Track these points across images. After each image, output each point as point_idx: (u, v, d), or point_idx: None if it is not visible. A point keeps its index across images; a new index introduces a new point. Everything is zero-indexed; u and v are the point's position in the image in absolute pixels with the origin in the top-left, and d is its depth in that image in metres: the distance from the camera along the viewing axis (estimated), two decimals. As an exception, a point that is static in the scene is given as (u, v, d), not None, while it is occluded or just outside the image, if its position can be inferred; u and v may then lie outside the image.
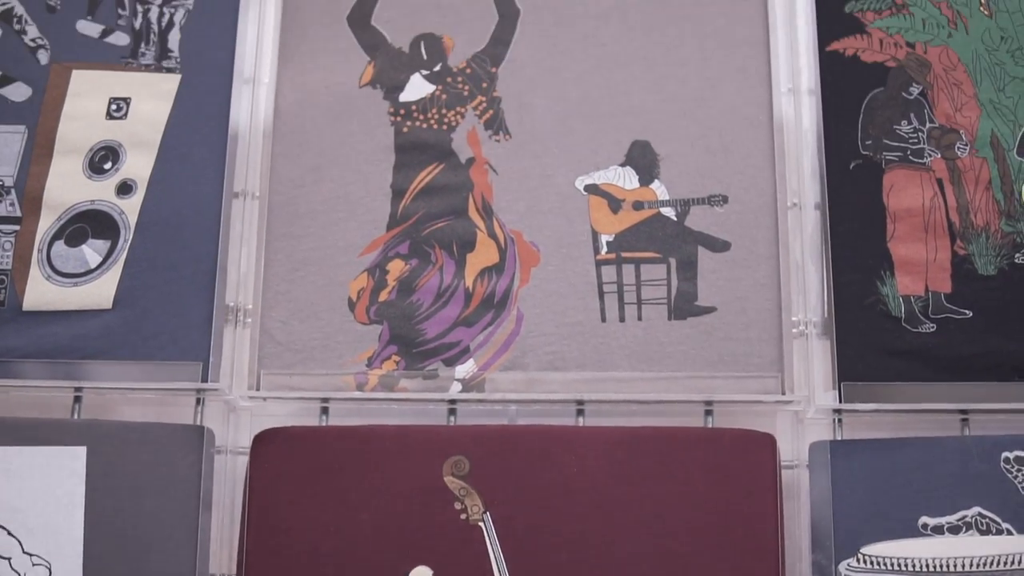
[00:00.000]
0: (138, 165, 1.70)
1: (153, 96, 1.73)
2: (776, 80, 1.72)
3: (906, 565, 1.51)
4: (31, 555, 1.55)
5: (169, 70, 1.74)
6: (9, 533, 1.55)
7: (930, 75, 1.71)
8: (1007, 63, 1.71)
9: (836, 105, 1.70)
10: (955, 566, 1.51)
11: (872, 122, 1.69)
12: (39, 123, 1.72)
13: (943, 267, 1.64)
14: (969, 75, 1.71)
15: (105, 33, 1.77)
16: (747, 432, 1.56)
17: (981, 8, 1.74)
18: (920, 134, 1.69)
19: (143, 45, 1.75)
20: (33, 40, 1.76)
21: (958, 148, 1.68)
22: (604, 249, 1.66)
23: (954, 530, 1.52)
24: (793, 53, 1.73)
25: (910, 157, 1.68)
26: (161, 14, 1.77)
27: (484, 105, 1.70)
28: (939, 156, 1.68)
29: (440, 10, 1.74)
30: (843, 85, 1.71)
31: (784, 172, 1.67)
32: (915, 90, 1.70)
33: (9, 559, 1.54)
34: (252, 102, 1.73)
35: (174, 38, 1.76)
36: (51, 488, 1.56)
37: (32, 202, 1.69)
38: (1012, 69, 1.72)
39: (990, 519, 1.53)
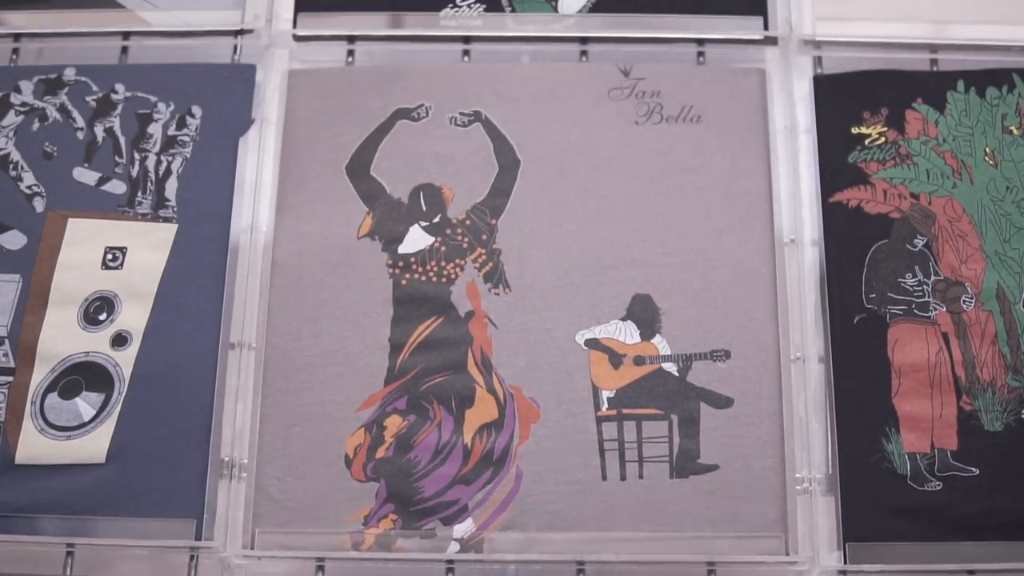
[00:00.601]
0: (133, 316, 1.81)
1: (149, 246, 1.84)
2: (779, 231, 1.83)
3: None
4: None
5: (166, 219, 1.85)
6: None
7: (935, 227, 1.82)
8: (1013, 214, 1.83)
9: (840, 257, 1.81)
10: None
11: (876, 275, 1.80)
12: (34, 272, 1.83)
13: (949, 423, 1.74)
14: (974, 226, 1.83)
15: (102, 181, 1.88)
16: (751, 593, 1.65)
17: (986, 158, 1.86)
18: (925, 287, 1.79)
19: (140, 194, 1.87)
20: (29, 187, 1.88)
21: (963, 301, 1.79)
22: (605, 405, 1.76)
23: None
24: (796, 204, 1.85)
25: (915, 311, 1.78)
26: (159, 162, 1.89)
27: (484, 257, 1.82)
28: (944, 309, 1.79)
29: (439, 160, 1.86)
30: (847, 237, 1.82)
31: (787, 325, 1.78)
32: (920, 242, 1.82)
33: None
34: (249, 252, 1.84)
35: (171, 187, 1.87)
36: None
37: (26, 353, 1.79)
38: (1018, 220, 1.83)
39: None
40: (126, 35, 1.98)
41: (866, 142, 1.86)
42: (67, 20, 1.97)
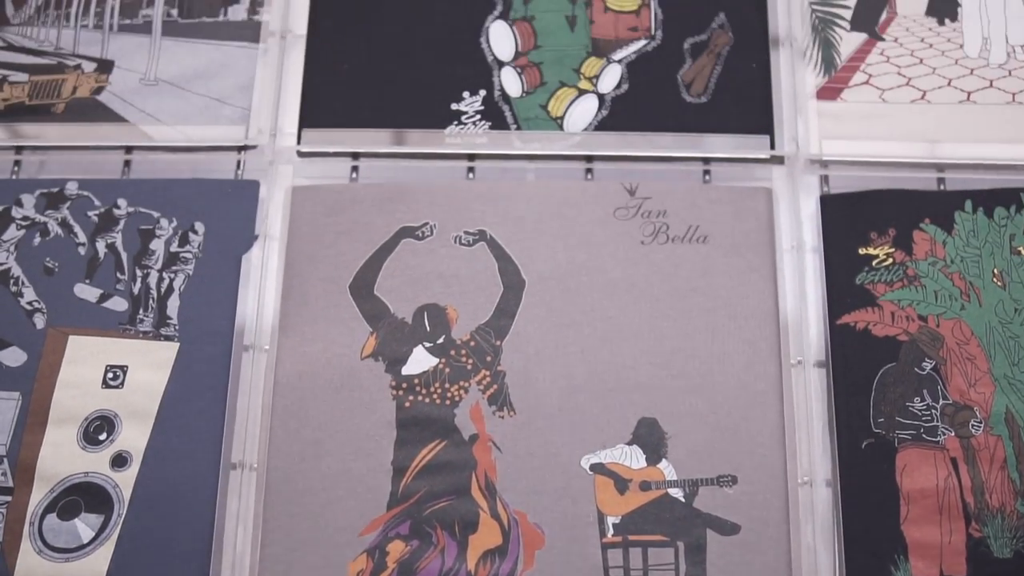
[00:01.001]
0: (133, 436, 1.87)
1: (150, 365, 1.90)
2: (786, 354, 1.89)
3: None
4: None
5: (167, 338, 1.92)
6: None
7: (943, 349, 1.89)
8: (1021, 336, 1.90)
9: (847, 380, 1.87)
10: None
11: (884, 399, 1.86)
12: (34, 390, 1.89)
13: (958, 550, 1.80)
14: (983, 349, 1.89)
15: (103, 298, 1.95)
16: None
17: (994, 280, 1.93)
18: (933, 411, 1.86)
19: (142, 311, 1.94)
20: (30, 303, 1.95)
21: (972, 426, 1.85)
22: (610, 532, 1.81)
23: None
24: (803, 325, 1.91)
25: (923, 435, 1.85)
26: (160, 279, 1.96)
27: (488, 379, 1.88)
28: (953, 434, 1.85)
29: (444, 280, 1.93)
30: (854, 360, 1.88)
31: (795, 449, 1.84)
32: (928, 365, 1.88)
33: None
34: (251, 372, 1.90)
35: (173, 304, 1.94)
36: None
37: (25, 472, 1.85)
38: (1026, 342, 1.90)
39: None
40: (129, 149, 2.05)
41: (873, 263, 1.92)
42: (70, 134, 2.04)
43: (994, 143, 2.00)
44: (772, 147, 1.99)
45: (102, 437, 1.84)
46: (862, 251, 1.92)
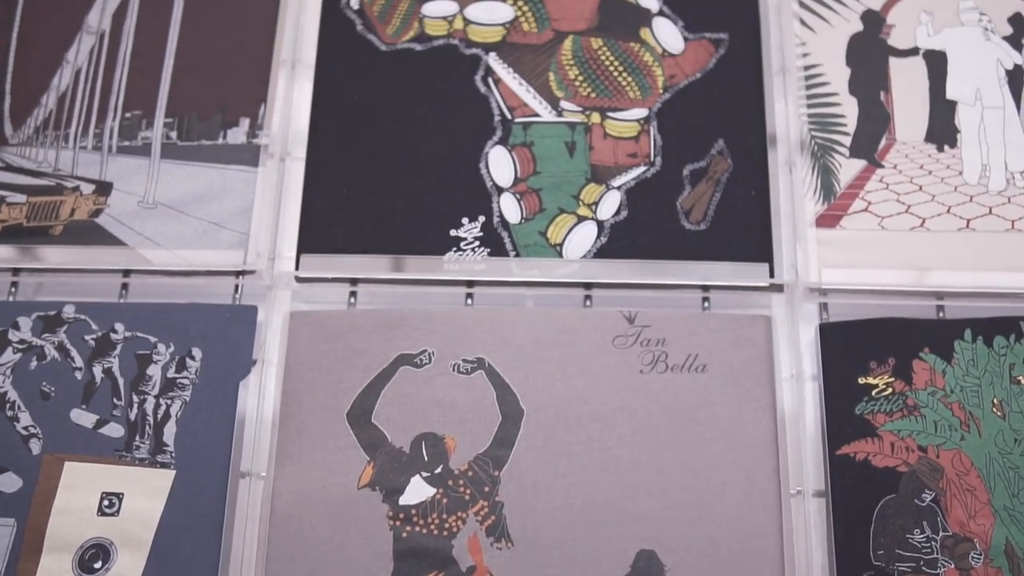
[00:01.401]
0: (129, 565, 1.93)
1: (146, 493, 1.97)
2: (785, 484, 1.96)
3: None
4: None
5: (164, 465, 1.99)
6: None
7: (943, 481, 1.96)
8: (1021, 467, 1.96)
9: (847, 512, 1.94)
10: None
11: (884, 530, 1.93)
12: (29, 516, 1.95)
13: None
14: (982, 480, 1.96)
15: (99, 424, 2.02)
16: None
17: (994, 410, 2.00)
18: (933, 543, 1.92)
19: (138, 438, 2.01)
20: (26, 428, 2.02)
21: (972, 558, 1.91)
22: (608, 667, 1.87)
23: None
24: (802, 456, 1.98)
25: (923, 568, 1.91)
26: (157, 405, 2.03)
27: (486, 510, 1.95)
28: (953, 567, 1.91)
29: (442, 408, 2.00)
30: (854, 491, 1.95)
31: (795, 581, 1.90)
32: (928, 496, 1.95)
33: None
34: (248, 501, 1.97)
35: (170, 431, 2.01)
36: None
37: (18, 602, 1.91)
38: (1027, 473, 1.96)
39: None
40: (126, 273, 2.12)
41: (873, 393, 2.00)
42: (68, 256, 2.12)
43: (993, 271, 2.08)
44: (771, 275, 2.07)
45: (97, 565, 1.90)
46: (862, 380, 1.99)
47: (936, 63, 2.24)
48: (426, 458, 1.95)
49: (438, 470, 1.94)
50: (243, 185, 2.15)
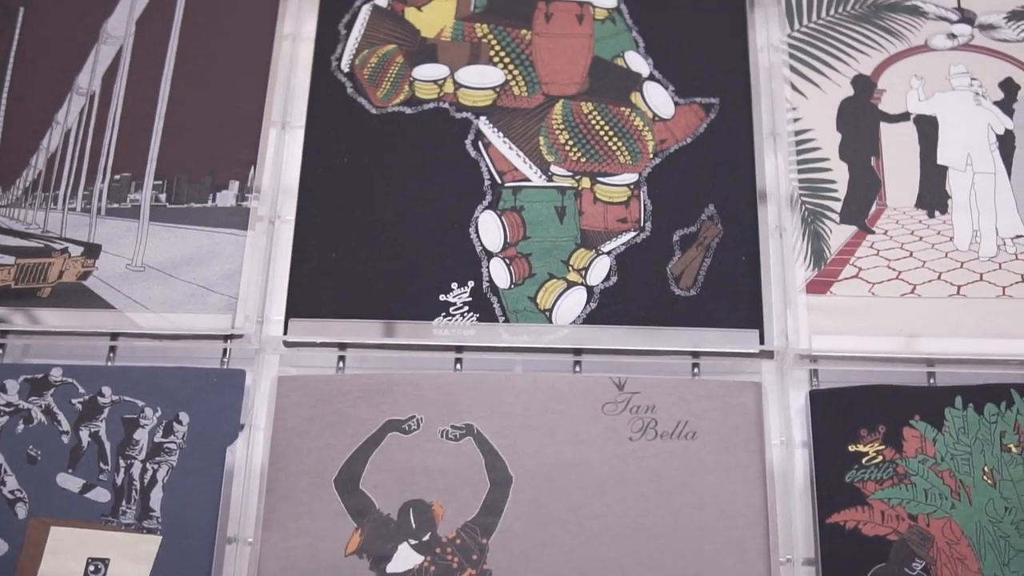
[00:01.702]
0: (113, 633, 1.95)
1: (132, 558, 2.00)
2: (775, 552, 1.99)
3: None
4: None
5: (150, 530, 2.01)
6: None
7: (933, 549, 1.99)
8: (1011, 535, 1.99)
9: (837, 581, 1.97)
10: None
11: (874, 600, 1.96)
12: (14, 582, 1.98)
13: None
14: (973, 549, 1.99)
15: (86, 488, 2.05)
16: None
17: (984, 478, 2.03)
18: (924, 613, 1.95)
19: (124, 503, 2.03)
20: (12, 492, 2.04)
21: (963, 632, 1.94)
22: None
23: None
24: (792, 524, 2.01)
25: (914, 639, 1.94)
26: (144, 470, 2.06)
27: (474, 579, 1.98)
28: (944, 638, 1.94)
29: (430, 475, 2.03)
30: (844, 560, 1.98)
31: (784, 653, 1.93)
32: (918, 565, 1.98)
33: None
34: (235, 567, 1.99)
35: (156, 496, 2.04)
36: None
37: (1, 670, 1.93)
38: (1016, 542, 1.99)
39: None
40: (114, 335, 2.15)
41: (863, 461, 2.03)
42: (56, 319, 2.15)
43: (984, 338, 2.11)
44: (761, 342, 2.10)
45: (81, 633, 1.93)
46: (852, 448, 2.02)
47: (927, 128, 2.28)
48: (414, 525, 1.98)
49: (426, 538, 1.97)
50: (232, 248, 2.18)
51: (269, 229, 2.20)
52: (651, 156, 2.23)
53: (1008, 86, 2.31)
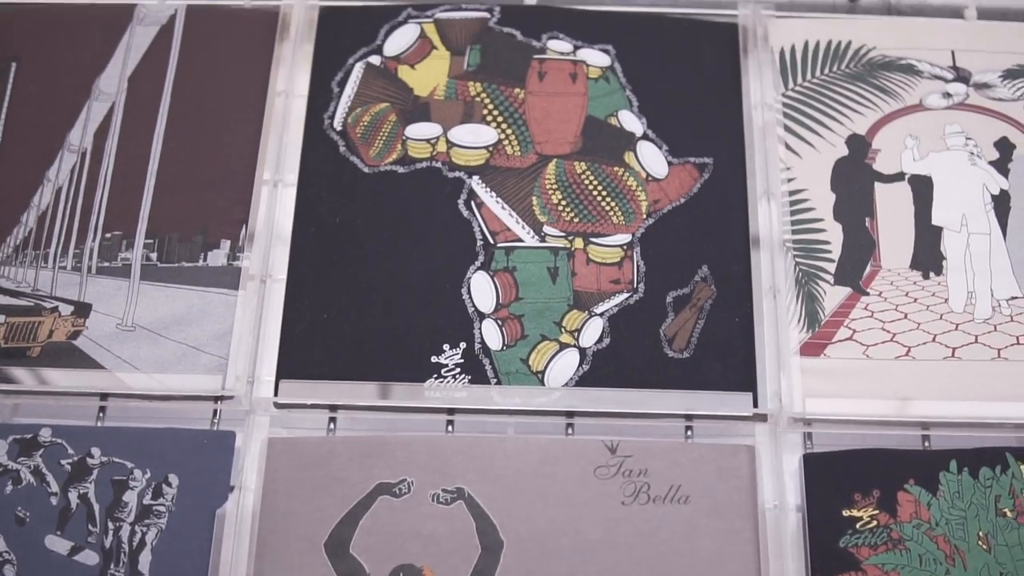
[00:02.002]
0: None
1: (121, 623, 2.01)
2: (768, 620, 2.01)
3: None
4: None
5: (138, 595, 2.03)
6: None
7: (928, 615, 2.00)
8: (1007, 589, 2.01)
9: (830, 648, 1.98)
10: None
11: (867, 667, 1.97)
12: (-1, 648, 1.99)
13: None
14: (967, 626, 2.01)
15: (74, 551, 2.06)
16: None
17: (979, 543, 2.05)
18: None
19: (113, 566, 2.05)
20: (0, 554, 2.06)
21: None
22: None
23: None
24: (785, 591, 2.03)
25: None
26: (133, 532, 2.08)
27: (466, 644, 1.99)
28: None
29: (421, 539, 2.05)
30: (838, 626, 2.00)
31: None
32: (912, 632, 1.99)
33: None
34: (225, 633, 2.01)
35: (145, 559, 2.06)
36: None
37: None
38: (1012, 603, 2.01)
39: None
40: (104, 396, 2.17)
41: (858, 526, 2.05)
42: (45, 379, 2.17)
43: (979, 401, 2.13)
44: (755, 404, 2.12)
45: None
46: (846, 513, 2.04)
47: (922, 188, 2.31)
48: (404, 597, 1.99)
49: (416, 609, 1.99)
50: (223, 308, 2.21)
51: (260, 288, 2.21)
52: (644, 216, 2.26)
53: (1003, 145, 2.34)
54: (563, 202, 2.26)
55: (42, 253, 2.28)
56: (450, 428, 2.13)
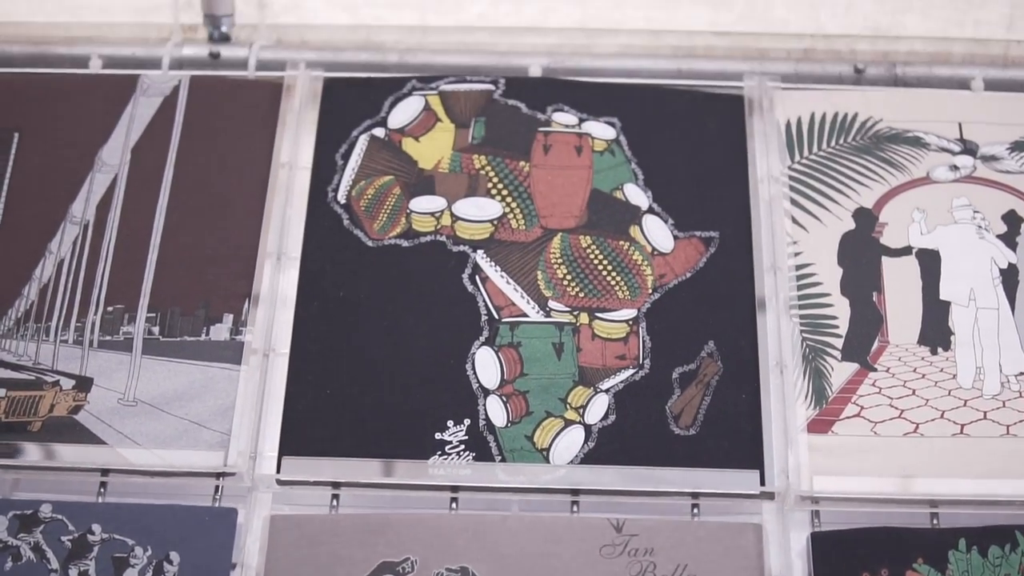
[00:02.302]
0: None
1: None
2: None
3: None
4: None
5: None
6: None
7: None
8: None
9: None
10: None
11: None
12: None
13: None
14: None
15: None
16: None
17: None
18: None
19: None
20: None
21: None
22: None
23: None
24: (793, 671, 2.04)
25: None
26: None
27: None
28: None
29: (422, 626, 2.06)
30: None
31: None
32: None
33: None
34: None
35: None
36: None
37: None
38: None
39: None
40: (105, 471, 2.19)
41: (865, 607, 2.05)
42: (46, 454, 2.19)
43: (988, 478, 2.14)
44: (762, 483, 2.13)
45: None
46: (854, 593, 2.05)
47: (929, 262, 2.33)
48: None
49: None
50: (225, 383, 2.22)
51: (263, 363, 2.23)
52: (650, 291, 2.28)
53: (1011, 219, 2.36)
54: (568, 277, 2.28)
55: (43, 326, 2.30)
56: (454, 505, 2.14)
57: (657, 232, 2.33)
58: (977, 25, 2.64)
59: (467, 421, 2.18)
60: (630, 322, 2.26)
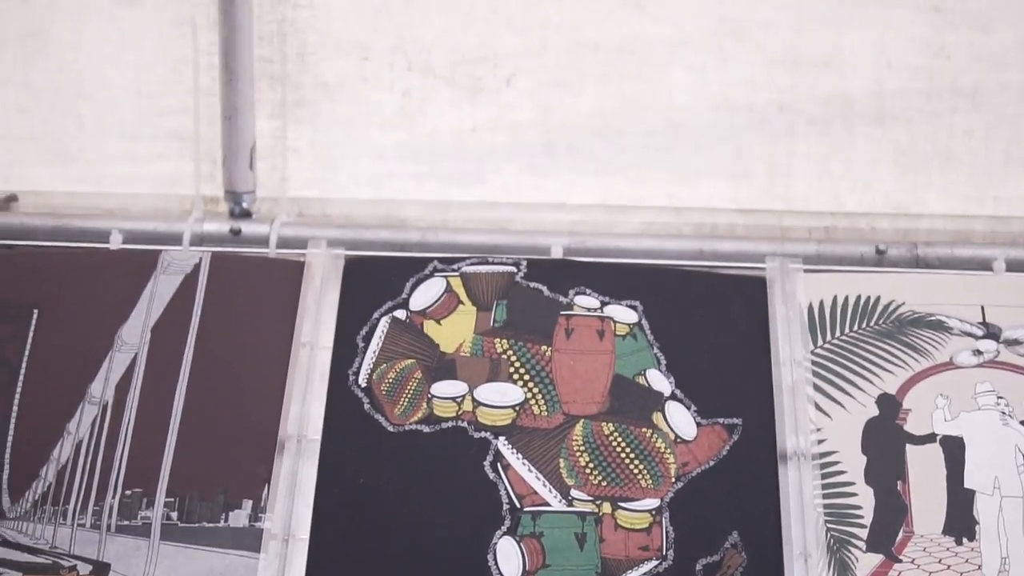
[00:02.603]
0: None
1: None
2: None
3: None
4: None
5: None
6: None
7: None
8: None
9: None
10: None
11: None
12: None
13: None
14: None
15: None
16: None
17: None
18: None
19: None
20: None
21: None
22: None
23: None
24: None
25: None
26: None
27: None
28: None
29: None
30: None
31: None
32: None
33: None
34: None
35: None
36: None
37: None
38: None
39: None
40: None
41: None
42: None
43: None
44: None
45: None
46: None
47: (953, 450, 2.34)
48: None
49: None
50: (244, 571, 2.24)
51: (283, 548, 2.24)
52: (673, 480, 2.29)
53: (1035, 405, 2.38)
54: (591, 465, 2.30)
55: (61, 509, 2.31)
56: None
57: (680, 419, 2.35)
58: (997, 202, 2.67)
59: (489, 613, 2.18)
60: (653, 512, 2.27)
